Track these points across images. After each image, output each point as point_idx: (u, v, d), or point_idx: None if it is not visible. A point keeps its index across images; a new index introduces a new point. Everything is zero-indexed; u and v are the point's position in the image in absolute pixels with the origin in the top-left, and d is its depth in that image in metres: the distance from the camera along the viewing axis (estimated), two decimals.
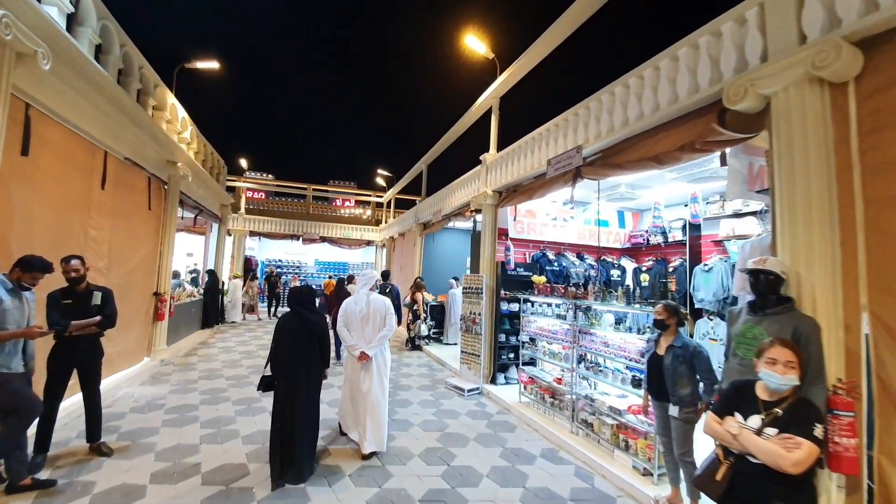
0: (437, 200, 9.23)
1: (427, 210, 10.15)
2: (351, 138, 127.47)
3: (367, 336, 3.75)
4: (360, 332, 3.76)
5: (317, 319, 3.34)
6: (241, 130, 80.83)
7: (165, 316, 6.89)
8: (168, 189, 6.99)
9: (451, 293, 9.41)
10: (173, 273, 10.26)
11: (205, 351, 8.05)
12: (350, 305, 3.85)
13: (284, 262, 18.28)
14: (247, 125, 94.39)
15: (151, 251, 6.55)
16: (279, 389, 3.19)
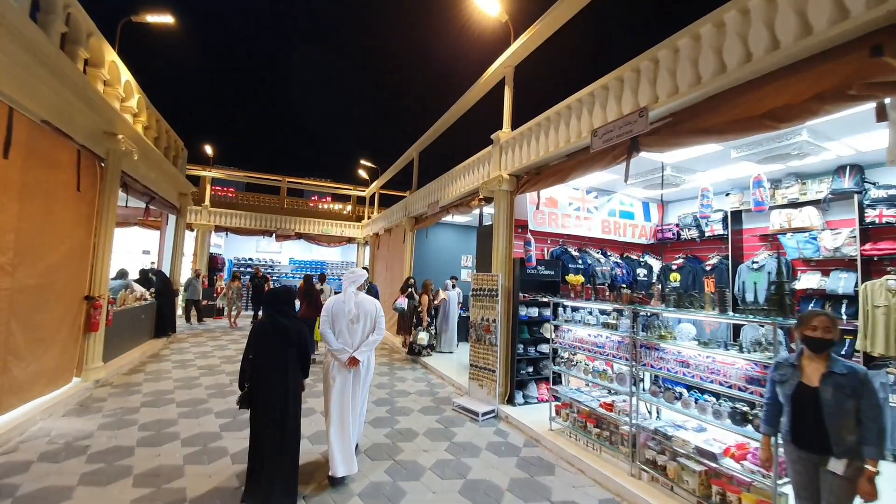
0: (434, 190, 8.19)
1: (419, 202, 9.08)
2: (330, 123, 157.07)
3: (355, 339, 3.39)
4: (346, 335, 3.38)
5: (296, 325, 3.01)
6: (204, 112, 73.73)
7: (101, 325, 5.53)
8: (106, 168, 5.62)
9: (448, 295, 8.40)
10: (119, 272, 8.78)
11: (154, 366, 6.68)
12: (336, 305, 3.43)
13: (255, 262, 16.72)
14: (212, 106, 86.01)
15: (81, 244, 5.19)
16: (257, 405, 2.86)
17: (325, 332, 3.35)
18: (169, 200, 8.79)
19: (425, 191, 8.69)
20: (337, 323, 3.39)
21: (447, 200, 7.47)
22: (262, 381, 2.85)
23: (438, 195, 7.91)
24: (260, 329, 2.96)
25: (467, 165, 6.71)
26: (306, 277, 10.12)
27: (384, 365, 7.52)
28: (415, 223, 9.43)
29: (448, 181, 7.51)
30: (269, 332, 2.92)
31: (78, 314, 5.18)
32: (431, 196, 8.28)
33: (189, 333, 9.87)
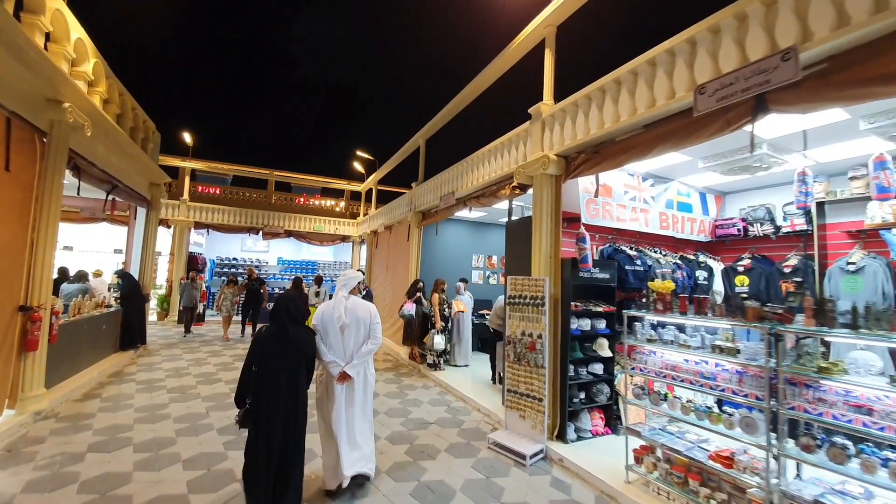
0: (448, 180, 7.17)
1: (428, 195, 8.06)
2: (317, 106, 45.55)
3: (347, 350, 3.04)
4: (338, 344, 3.03)
5: (306, 336, 2.83)
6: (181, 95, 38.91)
7: (42, 342, 4.36)
8: (49, 144, 4.46)
9: (463, 303, 7.39)
10: (76, 274, 7.54)
11: (114, 389, 5.50)
12: (326, 312, 3.09)
13: (240, 261, 15.44)
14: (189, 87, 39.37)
15: (13, 240, 4.03)
16: (259, 426, 2.55)
17: (319, 345, 2.98)
18: (137, 191, 7.57)
19: (436, 181, 7.67)
20: (326, 332, 3.02)
21: (466, 191, 6.46)
22: (267, 398, 2.56)
23: (454, 185, 6.89)
24: (267, 339, 2.68)
25: (495, 148, 5.71)
26: (296, 280, 9.08)
27: (391, 382, 6.47)
28: (422, 219, 8.40)
29: (467, 168, 6.49)
30: (278, 343, 2.65)
31: (9, 330, 4.01)
32: (444, 187, 7.26)
33: (162, 344, 8.64)
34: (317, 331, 3.01)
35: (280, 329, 2.69)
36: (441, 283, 6.90)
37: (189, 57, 36.29)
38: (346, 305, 3.07)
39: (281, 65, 40.94)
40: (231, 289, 9.32)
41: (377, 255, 11.73)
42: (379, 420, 4.79)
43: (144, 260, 8.29)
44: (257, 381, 2.57)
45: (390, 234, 10.48)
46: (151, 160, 7.77)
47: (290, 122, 40.27)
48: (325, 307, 3.10)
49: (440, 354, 6.82)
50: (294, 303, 2.80)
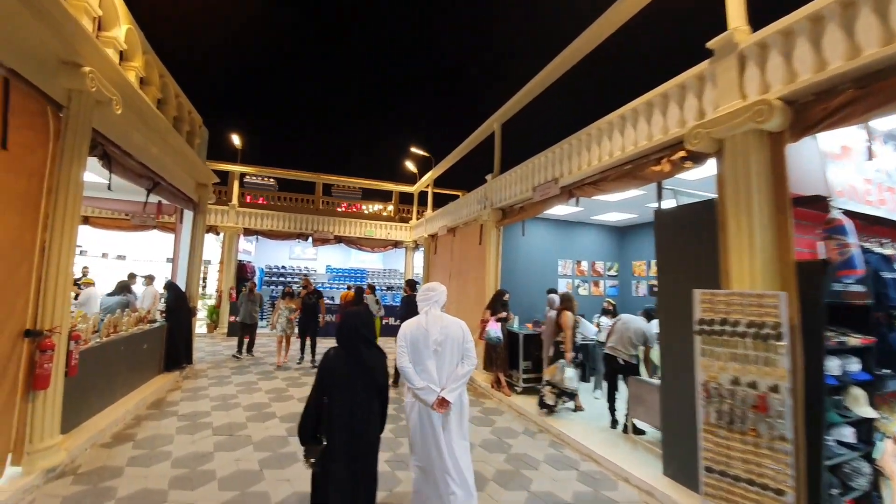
0: (543, 166, 5.71)
1: (510, 188, 6.65)
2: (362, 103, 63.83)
3: (441, 374, 2.64)
4: (431, 368, 2.62)
5: (380, 361, 2.37)
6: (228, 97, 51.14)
7: (55, 377, 3.34)
8: (66, 120, 3.48)
9: (551, 316, 5.86)
10: (118, 285, 6.77)
11: (152, 427, 4.46)
12: (416, 331, 2.70)
13: (289, 269, 14.75)
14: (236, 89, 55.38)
15: (14, 243, 3.02)
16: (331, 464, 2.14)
17: (404, 367, 2.63)
18: (182, 191, 6.72)
19: (524, 169, 6.23)
20: (418, 353, 2.67)
21: (577, 175, 4.97)
22: (339, 434, 2.16)
23: (555, 171, 5.42)
24: (336, 364, 2.26)
25: (634, 110, 4.19)
26: (358, 290, 7.91)
27: (483, 422, 5.03)
28: (502, 217, 6.98)
29: (580, 146, 5.00)
30: (351, 369, 2.24)
31: (9, 363, 2.99)
32: (538, 175, 5.81)
33: (210, 363, 7.75)
34: (403, 353, 2.68)
35: (352, 353, 2.30)
36: (570, 297, 5.33)
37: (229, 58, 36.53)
38: (441, 324, 2.74)
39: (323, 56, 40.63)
40: (288, 303, 7.70)
41: (436, 261, 10.45)
42: (488, 492, 3.37)
43: (191, 268, 7.45)
44: (328, 415, 2.20)
45: (454, 237, 9.15)
46: (197, 156, 6.92)
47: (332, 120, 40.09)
48: (415, 324, 2.76)
49: (569, 394, 5.13)
50: (364, 321, 2.39)
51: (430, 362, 2.66)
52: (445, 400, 2.58)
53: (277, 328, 7.60)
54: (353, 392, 2.22)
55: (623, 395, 4.71)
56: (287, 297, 7.79)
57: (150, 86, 5.24)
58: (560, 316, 5.16)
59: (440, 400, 2.57)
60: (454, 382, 2.64)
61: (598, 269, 8.08)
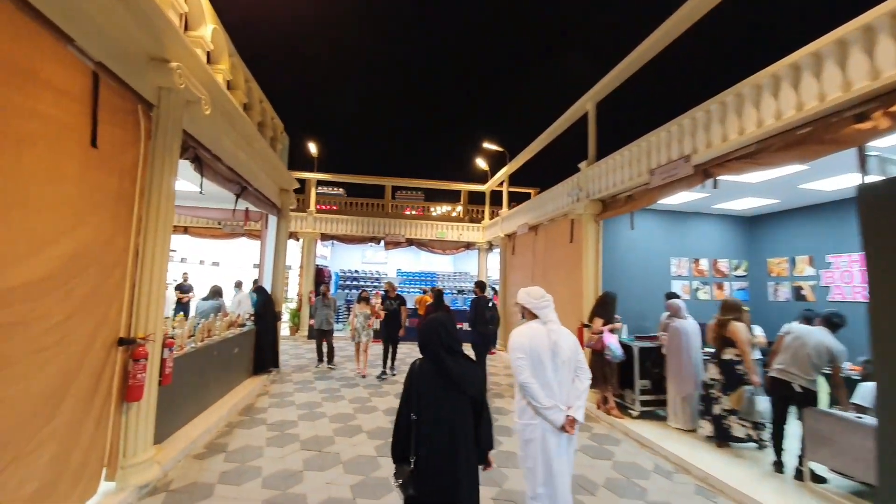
0: (664, 143, 4.71)
1: (611, 175, 5.69)
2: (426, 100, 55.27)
3: (562, 390, 2.40)
4: (552, 383, 2.38)
5: (470, 370, 2.07)
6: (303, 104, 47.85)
7: (149, 388, 3.19)
8: (156, 119, 3.36)
9: (677, 327, 4.79)
10: (210, 290, 6.98)
11: (243, 437, 4.29)
12: (536, 340, 2.42)
13: (362, 273, 14.93)
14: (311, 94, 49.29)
15: (106, 246, 2.88)
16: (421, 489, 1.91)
17: (528, 383, 2.36)
18: (267, 196, 6.75)
19: (635, 150, 5.24)
20: (538, 367, 2.39)
21: (724, 147, 3.92)
22: (427, 455, 1.93)
23: (688, 146, 4.39)
24: (420, 376, 2.04)
25: (828, 48, 3.10)
26: (438, 294, 7.44)
27: (601, 457, 4.15)
28: (601, 209, 6.03)
29: (733, 108, 3.90)
30: (433, 380, 2.01)
31: (103, 373, 2.85)
32: (659, 154, 4.80)
33: (294, 367, 7.76)
34: (523, 366, 2.39)
35: (435, 363, 2.02)
36: (737, 303, 4.29)
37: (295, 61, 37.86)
38: (553, 335, 2.44)
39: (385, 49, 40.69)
40: (363, 307, 7.23)
41: (515, 263, 9.65)
42: None
43: (276, 273, 7.52)
44: (418, 432, 1.95)
45: (536, 235, 8.31)
46: (280, 161, 6.94)
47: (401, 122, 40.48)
48: (532, 332, 2.48)
49: (738, 439, 4.13)
50: (444, 327, 2.08)
51: (553, 377, 2.39)
52: (574, 419, 2.34)
53: (356, 335, 7.17)
54: (439, 406, 2.00)
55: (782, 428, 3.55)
56: (363, 302, 7.35)
57: (236, 90, 5.21)
58: (726, 328, 4.10)
59: (570, 419, 2.33)
60: (577, 399, 2.41)
61: (721, 267, 6.71)
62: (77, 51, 2.54)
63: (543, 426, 2.36)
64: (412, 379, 2.06)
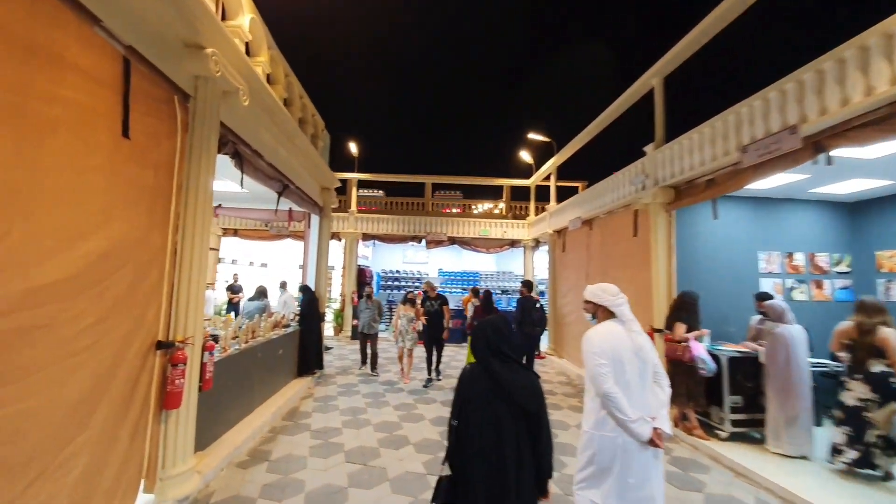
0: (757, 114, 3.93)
1: (687, 157, 4.96)
2: None
3: (641, 398, 2.12)
4: (634, 391, 2.11)
5: (525, 379, 1.83)
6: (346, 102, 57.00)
7: (188, 394, 3.01)
8: (193, 110, 3.19)
9: (782, 334, 3.99)
10: (258, 290, 6.96)
11: (285, 445, 4.07)
12: (613, 342, 2.16)
13: (403, 273, 14.77)
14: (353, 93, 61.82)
15: (140, 243, 2.70)
16: None
17: (613, 393, 2.05)
18: (309, 195, 6.63)
19: (722, 125, 4.48)
20: (621, 373, 2.11)
21: (846, 112, 3.15)
22: (471, 468, 1.75)
23: (793, 114, 3.62)
24: (469, 382, 1.88)
25: None
26: (486, 294, 7.02)
27: (688, 487, 3.48)
28: (674, 198, 5.29)
29: (856, 65, 3.14)
30: (482, 387, 1.82)
31: (140, 378, 2.67)
32: (752, 128, 4.04)
33: (338, 368, 7.62)
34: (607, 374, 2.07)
35: (486, 368, 1.84)
36: (878, 304, 3.52)
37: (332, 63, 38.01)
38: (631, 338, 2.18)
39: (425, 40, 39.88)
40: (407, 309, 6.76)
41: (566, 260, 8.97)
42: None
43: (319, 273, 7.41)
44: (457, 442, 1.82)
45: (591, 230, 7.61)
46: (321, 159, 6.79)
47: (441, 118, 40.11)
48: (609, 336, 2.17)
49: None
50: (495, 329, 1.91)
51: (636, 384, 2.14)
52: (661, 432, 2.08)
53: (400, 339, 6.70)
54: (483, 412, 1.81)
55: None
56: (408, 304, 6.84)
57: (275, 84, 5.06)
58: (874, 335, 3.33)
59: (656, 432, 2.07)
60: (662, 408, 2.15)
61: (819, 263, 5.70)
62: (105, 33, 2.36)
63: (625, 441, 2.09)
64: (461, 383, 1.93)
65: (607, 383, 2.08)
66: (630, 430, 2.05)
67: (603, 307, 2.30)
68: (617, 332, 2.20)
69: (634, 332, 2.21)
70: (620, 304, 2.26)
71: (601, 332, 2.22)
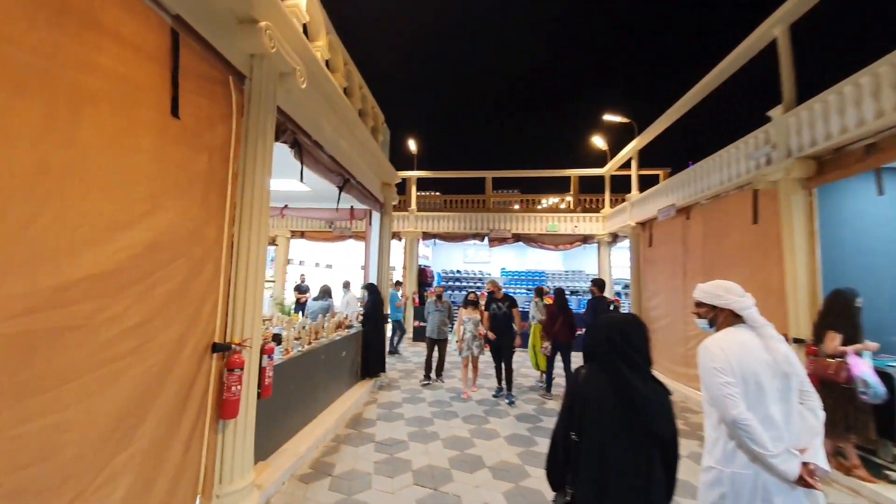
0: None
1: (829, 121, 3.83)
2: None
3: (785, 425, 1.66)
4: (774, 418, 1.65)
5: (662, 400, 1.54)
6: None
7: (246, 402, 2.74)
8: (249, 93, 2.93)
9: None
10: (322, 289, 6.86)
11: (349, 458, 3.71)
12: (745, 355, 1.71)
13: (463, 273, 14.30)
14: None
15: (193, 234, 2.45)
16: None
17: (745, 421, 1.60)
18: (370, 190, 6.37)
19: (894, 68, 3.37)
20: (756, 395, 1.67)
21: None
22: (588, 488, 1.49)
23: None
24: (589, 389, 1.57)
25: None
26: (558, 292, 6.29)
27: None
28: (815, 171, 4.16)
29: None
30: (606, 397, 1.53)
31: (195, 384, 2.42)
32: None
33: (401, 371, 7.31)
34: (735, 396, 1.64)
35: (611, 376, 1.54)
36: None
37: None
38: (782, 342, 1.73)
39: None
40: (472, 312, 5.93)
41: (653, 256, 7.83)
42: None
43: (381, 271, 7.15)
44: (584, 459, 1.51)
45: (688, 219, 6.49)
46: (381, 152, 6.52)
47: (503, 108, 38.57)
48: (736, 348, 1.73)
49: None
50: (623, 332, 1.58)
51: (777, 408, 1.67)
52: (815, 469, 1.58)
53: (465, 347, 5.84)
54: (611, 432, 1.50)
55: None
56: (470, 306, 6.01)
57: (335, 72, 4.81)
58: None
59: (807, 468, 1.57)
60: (814, 437, 1.65)
61: None
62: None
63: (766, 480, 1.63)
64: (575, 389, 1.64)
65: (737, 408, 1.65)
66: (771, 466, 1.60)
67: (726, 310, 1.86)
68: (746, 340, 1.77)
69: (771, 338, 1.75)
70: (748, 307, 1.81)
71: (725, 341, 1.78)
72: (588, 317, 5.86)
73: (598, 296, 5.91)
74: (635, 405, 1.49)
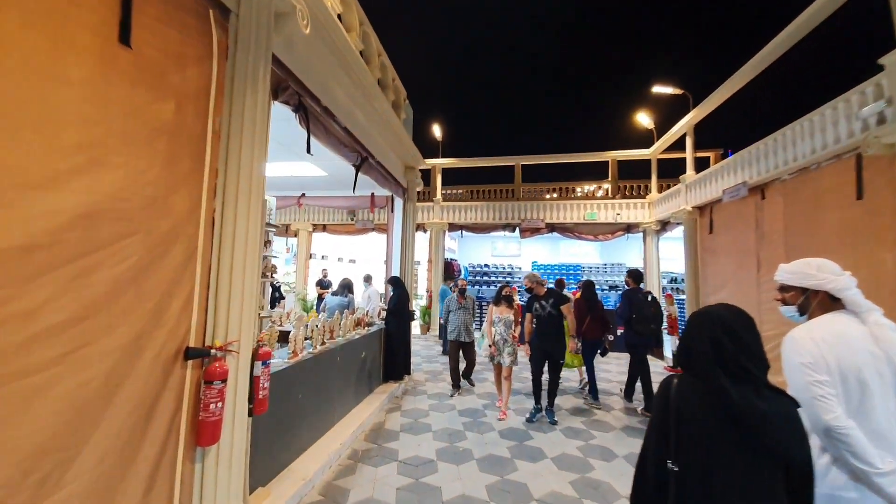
0: None
1: None
2: None
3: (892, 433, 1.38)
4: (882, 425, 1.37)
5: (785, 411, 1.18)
6: None
7: (230, 426, 2.16)
8: (234, 31, 2.33)
9: None
10: (342, 283, 6.31)
11: (366, 482, 3.08)
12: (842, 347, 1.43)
13: (492, 267, 13.53)
14: None
15: (154, 204, 1.87)
16: None
17: (844, 429, 1.34)
18: (391, 172, 5.75)
19: None
20: (859, 397, 1.40)
21: None
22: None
23: None
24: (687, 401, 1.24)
25: None
26: (587, 285, 5.52)
27: None
28: None
29: None
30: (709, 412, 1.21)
31: (158, 402, 1.85)
32: None
33: (427, 372, 6.69)
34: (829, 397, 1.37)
35: (710, 386, 1.22)
36: None
37: None
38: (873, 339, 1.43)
39: None
40: (506, 311, 4.83)
41: (715, 245, 6.83)
42: None
43: (404, 263, 6.54)
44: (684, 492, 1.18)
45: (764, 199, 5.49)
46: (404, 132, 5.88)
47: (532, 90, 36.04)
48: (831, 338, 1.44)
49: None
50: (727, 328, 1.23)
51: (886, 414, 1.38)
52: None
53: (497, 352, 4.73)
54: (718, 456, 1.20)
55: None
56: (503, 303, 4.89)
57: (349, 31, 4.18)
58: None
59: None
60: None
61: None
62: None
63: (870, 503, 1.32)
64: (668, 405, 1.27)
65: (831, 412, 1.36)
66: (879, 487, 1.31)
67: (820, 293, 1.56)
68: (846, 329, 1.46)
69: (879, 325, 1.43)
70: (850, 286, 1.50)
71: (818, 330, 1.48)
72: (623, 311, 5.28)
73: (633, 287, 5.38)
74: (747, 420, 1.16)
